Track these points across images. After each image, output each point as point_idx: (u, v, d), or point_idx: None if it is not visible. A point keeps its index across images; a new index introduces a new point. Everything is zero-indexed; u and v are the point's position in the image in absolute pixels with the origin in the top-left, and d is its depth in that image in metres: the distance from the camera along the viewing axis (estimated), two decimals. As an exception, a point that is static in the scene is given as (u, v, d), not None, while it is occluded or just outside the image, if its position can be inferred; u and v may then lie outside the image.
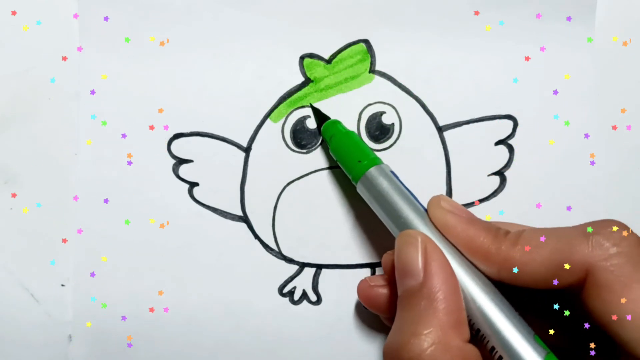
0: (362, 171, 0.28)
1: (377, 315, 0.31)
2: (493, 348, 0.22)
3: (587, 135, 0.31)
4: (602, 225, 0.22)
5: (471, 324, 0.23)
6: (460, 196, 0.31)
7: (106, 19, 0.31)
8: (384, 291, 0.28)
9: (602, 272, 0.21)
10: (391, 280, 0.27)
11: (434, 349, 0.21)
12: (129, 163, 0.32)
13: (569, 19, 0.31)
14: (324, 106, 0.32)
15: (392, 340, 0.22)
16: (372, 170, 0.27)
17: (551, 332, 0.24)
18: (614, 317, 0.21)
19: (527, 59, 0.31)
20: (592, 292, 0.22)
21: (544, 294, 0.24)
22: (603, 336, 0.22)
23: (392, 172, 0.28)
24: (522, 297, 0.24)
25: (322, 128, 0.31)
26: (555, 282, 0.22)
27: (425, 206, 0.26)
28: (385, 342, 0.23)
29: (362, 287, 0.28)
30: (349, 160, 0.29)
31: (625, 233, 0.22)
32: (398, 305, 0.23)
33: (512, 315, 0.22)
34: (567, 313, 0.24)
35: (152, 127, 0.32)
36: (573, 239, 0.22)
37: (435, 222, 0.25)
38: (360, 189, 0.28)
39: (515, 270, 0.23)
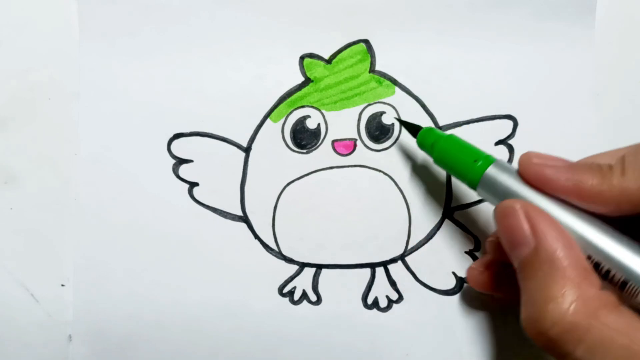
0: (482, 171, 0.25)
1: (377, 316, 0.31)
2: (625, 282, 0.22)
3: (586, 135, 0.31)
4: None
5: (600, 269, 0.22)
6: (460, 196, 0.31)
7: (106, 19, 0.31)
8: (491, 273, 0.28)
9: None
10: (497, 260, 0.27)
11: (576, 306, 0.20)
12: (129, 163, 0.32)
13: (569, 19, 0.31)
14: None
15: (528, 313, 0.22)
16: (491, 169, 0.25)
17: None
18: None
19: (527, 59, 0.31)
20: None
21: None
22: None
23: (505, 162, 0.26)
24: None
25: (417, 138, 0.29)
26: None
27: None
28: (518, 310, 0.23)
29: (471, 276, 0.29)
30: (462, 163, 0.26)
31: None
32: (519, 277, 0.23)
33: (636, 247, 0.22)
34: None
35: (152, 127, 0.32)
36: None
37: (533, 181, 0.24)
38: (483, 189, 0.26)
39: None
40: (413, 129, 0.30)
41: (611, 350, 0.20)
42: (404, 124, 0.31)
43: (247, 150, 0.32)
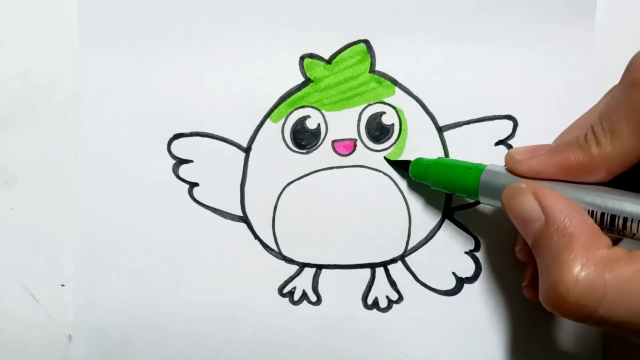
0: (477, 177, 0.26)
1: (377, 316, 0.31)
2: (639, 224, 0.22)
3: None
4: None
5: (613, 226, 0.22)
6: (460, 196, 0.31)
7: (106, 19, 0.31)
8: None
9: None
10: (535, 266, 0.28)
11: (585, 269, 0.20)
12: (129, 163, 0.32)
13: (569, 20, 0.31)
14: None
15: (544, 285, 0.22)
16: (485, 174, 0.26)
17: None
18: None
19: (527, 59, 0.31)
20: None
21: None
22: None
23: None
24: None
25: (410, 171, 0.30)
26: None
27: None
28: None
29: (528, 292, 0.28)
30: (457, 178, 0.27)
31: None
32: (535, 254, 0.23)
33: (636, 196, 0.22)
34: None
35: (152, 127, 0.32)
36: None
37: (525, 175, 0.25)
38: (483, 195, 0.26)
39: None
40: (403, 165, 0.31)
41: (634, 297, 0.20)
42: (393, 163, 0.31)
43: (247, 150, 0.32)
